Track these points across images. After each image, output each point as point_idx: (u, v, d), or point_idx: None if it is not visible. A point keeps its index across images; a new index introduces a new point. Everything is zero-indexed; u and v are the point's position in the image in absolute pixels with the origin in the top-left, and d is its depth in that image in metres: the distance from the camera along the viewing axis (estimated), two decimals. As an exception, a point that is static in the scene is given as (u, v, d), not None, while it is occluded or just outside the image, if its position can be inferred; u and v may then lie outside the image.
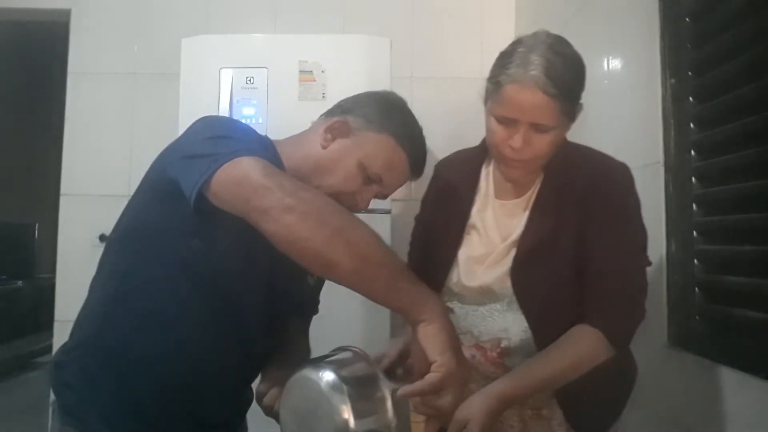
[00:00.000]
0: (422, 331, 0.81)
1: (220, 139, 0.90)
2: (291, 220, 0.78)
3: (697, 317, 1.22)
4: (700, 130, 1.25)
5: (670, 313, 1.27)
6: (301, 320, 1.18)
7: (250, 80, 2.04)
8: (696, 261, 1.24)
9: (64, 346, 0.99)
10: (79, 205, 2.53)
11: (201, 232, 0.92)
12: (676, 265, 1.26)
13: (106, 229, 1.03)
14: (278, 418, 0.90)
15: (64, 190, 2.56)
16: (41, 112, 4.72)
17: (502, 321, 1.05)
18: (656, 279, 1.29)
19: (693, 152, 1.26)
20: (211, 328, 0.95)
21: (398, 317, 0.90)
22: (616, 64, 1.59)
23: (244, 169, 0.83)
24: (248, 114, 2.03)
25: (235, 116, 2.01)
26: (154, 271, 0.94)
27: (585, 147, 1.12)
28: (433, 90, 2.54)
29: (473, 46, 2.57)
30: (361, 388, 0.80)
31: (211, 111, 1.96)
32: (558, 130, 1.01)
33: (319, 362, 0.85)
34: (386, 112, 1.05)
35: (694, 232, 1.24)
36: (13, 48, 4.35)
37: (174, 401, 0.94)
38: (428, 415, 0.88)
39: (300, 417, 0.84)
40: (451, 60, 2.58)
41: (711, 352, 1.13)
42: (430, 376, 0.79)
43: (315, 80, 2.02)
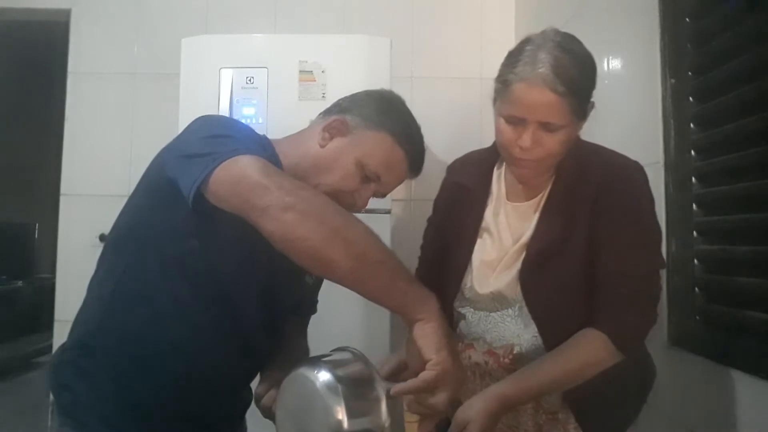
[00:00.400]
0: (418, 330, 0.81)
1: (218, 138, 0.90)
2: (290, 219, 0.78)
3: (697, 317, 1.22)
4: (700, 130, 1.24)
5: (670, 313, 1.27)
6: (300, 320, 1.18)
7: (250, 80, 2.04)
8: (696, 261, 1.24)
9: (63, 347, 0.99)
10: (79, 205, 2.53)
11: (199, 232, 0.92)
12: (676, 265, 1.26)
13: (106, 229, 1.03)
14: (275, 421, 0.90)
15: (64, 190, 2.55)
16: (41, 112, 4.71)
17: (515, 326, 1.04)
18: (656, 279, 1.29)
19: (693, 152, 1.26)
20: (209, 328, 0.95)
21: (398, 318, 0.89)
22: (616, 64, 1.59)
23: (243, 167, 0.83)
24: (248, 114, 2.03)
25: (235, 116, 2.01)
26: (152, 271, 0.94)
27: (597, 145, 1.10)
28: (433, 90, 2.54)
29: (473, 46, 2.57)
30: (356, 388, 0.80)
31: (211, 111, 1.95)
32: (568, 129, 0.98)
33: (316, 361, 0.85)
34: (384, 110, 1.05)
35: (694, 232, 1.24)
36: (13, 48, 4.34)
37: (172, 401, 0.94)
38: (422, 414, 0.87)
39: (295, 415, 0.84)
40: (451, 60, 2.58)
41: (711, 352, 1.13)
42: (425, 374, 0.79)
43: (315, 80, 2.02)
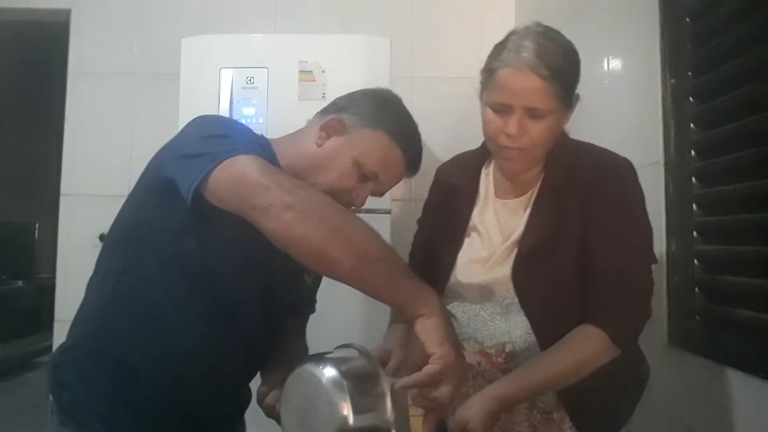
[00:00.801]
0: (420, 325, 0.81)
1: (216, 138, 0.90)
2: (291, 218, 0.78)
3: (697, 317, 1.22)
4: (700, 130, 1.24)
5: (670, 313, 1.27)
6: (299, 319, 1.18)
7: (250, 80, 2.04)
8: (696, 261, 1.23)
9: (62, 347, 0.99)
10: (79, 205, 2.53)
11: (197, 232, 0.92)
12: (676, 265, 1.26)
13: (106, 229, 1.03)
14: (279, 419, 0.90)
15: (64, 190, 2.56)
16: (41, 112, 4.72)
17: (505, 324, 1.03)
18: (656, 279, 1.28)
19: (693, 152, 1.25)
20: (208, 328, 0.95)
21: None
22: (616, 64, 1.59)
23: (242, 167, 0.83)
24: (248, 114, 2.03)
25: (235, 116, 2.01)
26: (151, 271, 0.94)
27: (586, 143, 1.11)
28: (433, 90, 2.54)
29: (473, 46, 2.56)
30: (362, 384, 0.80)
31: (211, 111, 1.95)
32: (553, 116, 0.99)
33: (320, 358, 0.85)
34: (381, 109, 1.05)
35: (694, 232, 1.24)
36: (13, 48, 4.34)
37: (171, 401, 0.94)
38: (426, 408, 0.88)
39: (300, 412, 0.84)
40: (451, 60, 2.58)
41: (711, 352, 1.13)
42: (429, 368, 0.79)
43: (315, 80, 2.02)
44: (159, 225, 0.94)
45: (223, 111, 2.02)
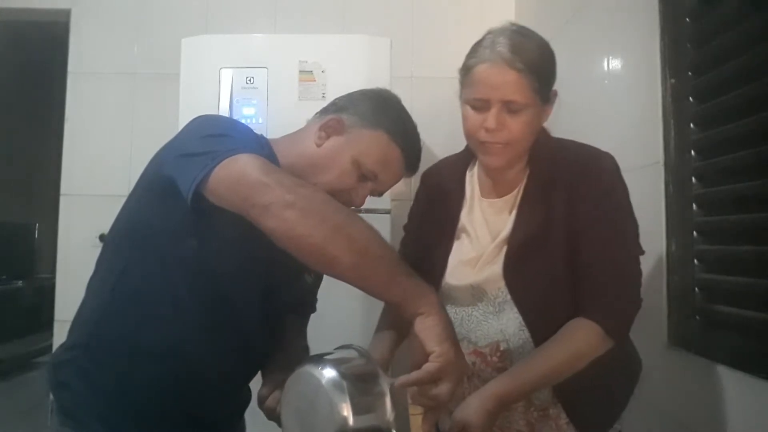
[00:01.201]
0: (420, 324, 0.81)
1: (216, 137, 0.90)
2: (291, 216, 0.78)
3: (697, 317, 1.22)
4: (700, 130, 1.24)
5: (670, 313, 1.27)
6: (299, 319, 1.18)
7: (250, 80, 2.04)
8: (696, 261, 1.23)
9: (62, 346, 0.99)
10: (79, 205, 2.53)
11: (197, 231, 0.92)
12: (676, 265, 1.26)
13: (106, 229, 1.03)
14: (280, 421, 0.90)
15: (64, 190, 2.56)
16: (41, 112, 4.72)
17: (498, 323, 1.04)
18: (656, 279, 1.29)
19: (693, 152, 1.25)
20: (209, 327, 0.95)
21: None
22: (616, 64, 1.59)
23: (243, 166, 0.83)
24: (248, 114, 2.04)
25: (235, 116, 2.02)
26: (151, 271, 0.94)
27: (568, 140, 1.12)
28: (433, 90, 2.53)
29: (473, 46, 2.57)
30: (361, 385, 0.80)
31: (211, 111, 1.95)
32: (531, 110, 1.00)
33: (320, 359, 0.85)
34: (380, 109, 1.05)
35: (694, 232, 1.24)
36: (13, 48, 4.34)
37: (171, 400, 0.94)
38: (426, 406, 0.88)
39: (300, 413, 0.84)
40: (451, 60, 2.56)
41: (711, 352, 1.13)
42: (428, 365, 0.79)
43: (315, 80, 2.02)
44: (159, 224, 0.94)
45: (223, 111, 2.02)
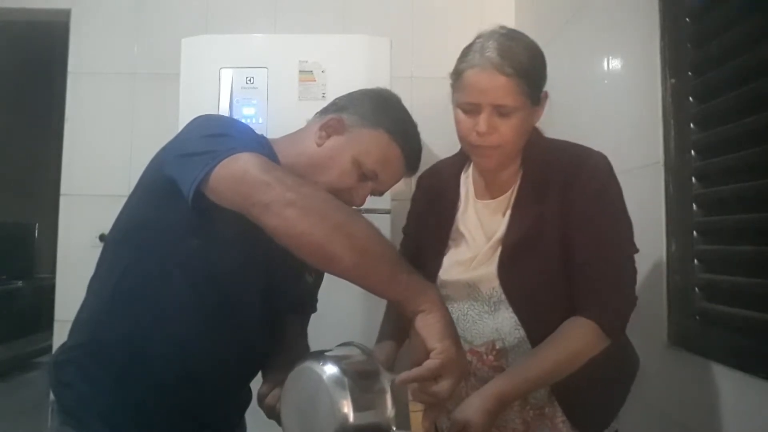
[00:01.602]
0: (421, 321, 0.82)
1: (216, 137, 0.90)
2: (292, 215, 0.78)
3: (697, 317, 1.22)
4: (700, 130, 1.24)
5: (670, 313, 1.27)
6: (300, 318, 1.18)
7: (250, 80, 2.04)
8: (696, 261, 1.23)
9: (63, 346, 0.99)
10: (79, 205, 2.53)
11: (198, 231, 0.92)
12: (676, 265, 1.26)
13: (106, 229, 1.03)
14: (280, 420, 0.90)
15: (64, 190, 2.55)
16: (41, 112, 4.71)
17: (493, 322, 1.04)
18: (656, 279, 1.29)
19: (693, 152, 1.25)
20: (209, 327, 0.95)
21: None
22: (616, 64, 1.59)
23: (243, 165, 0.83)
24: (248, 114, 2.03)
25: (235, 116, 2.01)
26: (152, 270, 0.94)
27: (561, 140, 1.12)
28: (433, 90, 2.52)
29: (473, 46, 2.57)
30: (362, 381, 0.80)
31: (211, 111, 1.95)
32: (521, 113, 1.01)
33: (321, 355, 0.85)
34: (380, 108, 1.06)
35: (694, 232, 1.24)
36: (13, 48, 4.35)
37: (172, 400, 0.94)
38: (426, 403, 0.88)
39: (300, 410, 0.84)
40: (451, 60, 2.55)
41: (711, 352, 1.13)
42: (429, 362, 0.80)
43: (315, 80, 2.02)
44: (160, 224, 0.94)
45: (223, 111, 2.02)
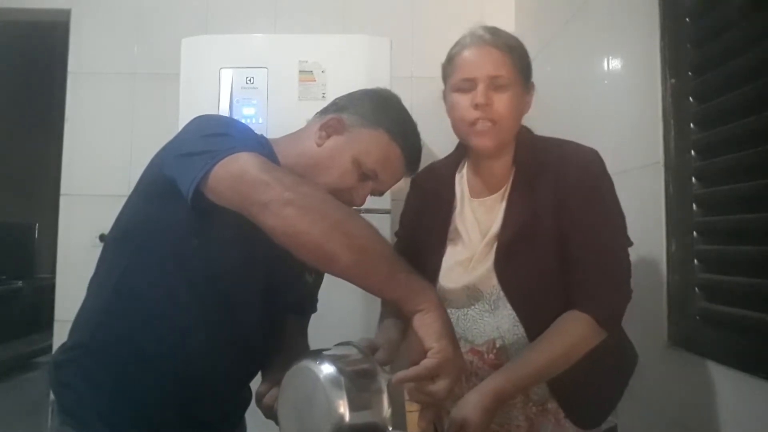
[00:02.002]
0: (418, 320, 0.82)
1: (215, 136, 0.90)
2: (290, 214, 0.78)
3: (697, 317, 1.22)
4: (700, 130, 1.24)
5: (670, 313, 1.27)
6: (300, 319, 1.18)
7: (250, 80, 2.04)
8: (696, 261, 1.23)
9: (63, 346, 0.99)
10: (79, 205, 2.53)
11: (198, 231, 0.92)
12: (676, 265, 1.26)
13: (106, 229, 1.03)
14: (277, 419, 0.90)
15: (64, 190, 2.56)
16: (41, 112, 4.72)
17: (493, 320, 1.05)
18: (656, 279, 1.29)
19: (693, 152, 1.25)
20: (209, 327, 0.95)
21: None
22: (616, 64, 1.59)
23: (242, 164, 0.83)
24: (248, 114, 2.03)
25: (235, 116, 2.01)
26: (152, 271, 0.94)
27: (553, 138, 1.13)
28: (433, 90, 2.52)
29: (473, 46, 2.56)
30: (359, 381, 0.80)
31: (211, 111, 1.95)
32: (515, 89, 1.04)
33: (318, 354, 0.85)
34: (380, 108, 1.06)
35: (694, 232, 1.24)
36: (13, 48, 4.35)
37: (172, 400, 0.94)
38: (423, 403, 0.88)
39: (297, 409, 0.84)
40: (451, 60, 2.58)
41: (711, 352, 1.13)
42: (426, 361, 0.80)
43: (315, 80, 2.02)
44: (160, 224, 0.94)
45: (223, 111, 2.02)
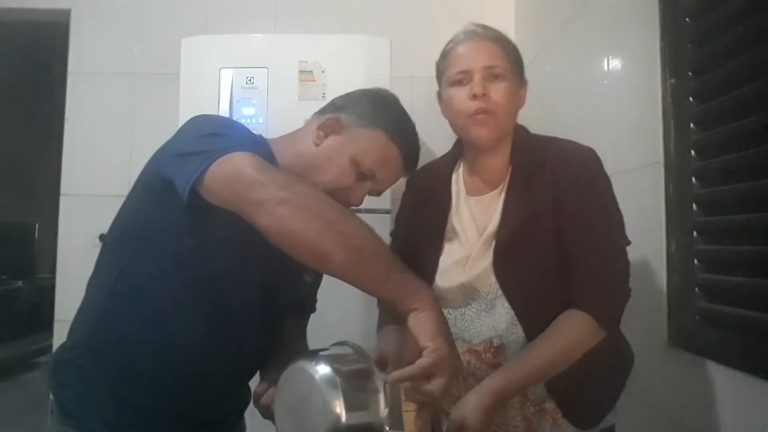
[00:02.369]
0: (413, 320, 0.81)
1: (212, 136, 0.90)
2: (285, 213, 0.78)
3: (697, 317, 1.22)
4: (700, 130, 1.24)
5: (670, 313, 1.27)
6: (299, 318, 1.18)
7: (250, 80, 2.04)
8: (696, 261, 1.23)
9: (62, 346, 0.99)
10: (79, 205, 2.53)
11: (195, 231, 0.92)
12: (676, 265, 1.26)
13: (106, 229, 1.04)
14: (274, 419, 0.90)
15: (64, 190, 2.56)
16: (41, 112, 4.72)
17: (490, 319, 1.04)
18: (656, 279, 1.29)
19: (693, 152, 1.25)
20: (207, 327, 0.95)
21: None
22: (616, 64, 1.59)
23: (237, 164, 0.83)
24: (248, 114, 2.03)
25: (235, 116, 2.01)
26: (150, 270, 0.94)
27: (549, 136, 1.13)
28: (433, 90, 2.53)
29: (473, 46, 2.56)
30: (355, 381, 0.80)
31: (211, 111, 1.95)
32: (510, 80, 1.05)
33: (314, 355, 0.84)
34: (378, 108, 1.06)
35: (694, 232, 1.24)
36: (13, 48, 4.34)
37: (171, 400, 0.94)
38: (419, 402, 0.88)
39: (293, 409, 0.84)
40: (451, 60, 2.58)
41: (711, 352, 1.13)
42: (422, 361, 0.79)
43: (315, 80, 2.02)
44: (157, 224, 0.94)
45: (223, 111, 2.02)
